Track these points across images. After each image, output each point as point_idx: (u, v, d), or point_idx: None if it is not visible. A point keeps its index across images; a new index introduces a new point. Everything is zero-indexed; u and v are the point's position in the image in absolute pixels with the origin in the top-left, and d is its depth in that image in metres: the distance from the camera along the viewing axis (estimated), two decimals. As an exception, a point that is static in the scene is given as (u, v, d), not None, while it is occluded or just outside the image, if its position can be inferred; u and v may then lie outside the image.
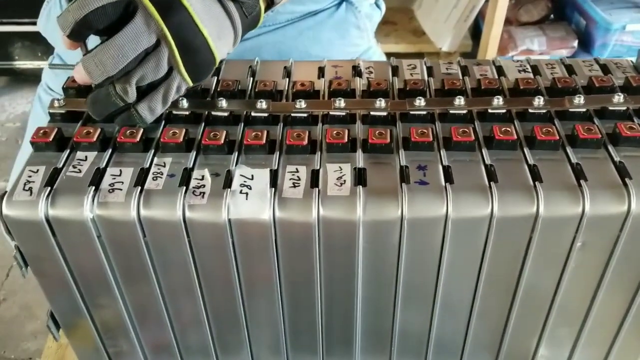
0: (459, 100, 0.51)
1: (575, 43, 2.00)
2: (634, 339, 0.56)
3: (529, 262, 0.48)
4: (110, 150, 0.49)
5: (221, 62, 0.58)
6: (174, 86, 0.48)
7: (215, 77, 0.57)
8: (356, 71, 0.58)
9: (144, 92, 0.48)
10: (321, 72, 0.58)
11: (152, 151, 0.49)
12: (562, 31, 2.03)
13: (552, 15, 2.11)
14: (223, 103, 0.52)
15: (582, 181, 0.45)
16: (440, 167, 0.47)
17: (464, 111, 0.51)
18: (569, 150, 0.48)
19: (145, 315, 0.53)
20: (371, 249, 0.47)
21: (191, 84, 0.48)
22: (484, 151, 0.48)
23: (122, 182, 0.46)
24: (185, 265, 0.48)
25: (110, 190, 0.45)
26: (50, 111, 0.52)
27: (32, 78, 2.11)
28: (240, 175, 0.47)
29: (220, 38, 0.48)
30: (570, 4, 2.08)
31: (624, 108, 0.51)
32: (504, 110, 0.51)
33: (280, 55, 0.73)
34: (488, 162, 0.47)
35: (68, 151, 0.49)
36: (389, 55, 0.75)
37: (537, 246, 0.46)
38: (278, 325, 0.54)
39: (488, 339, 0.56)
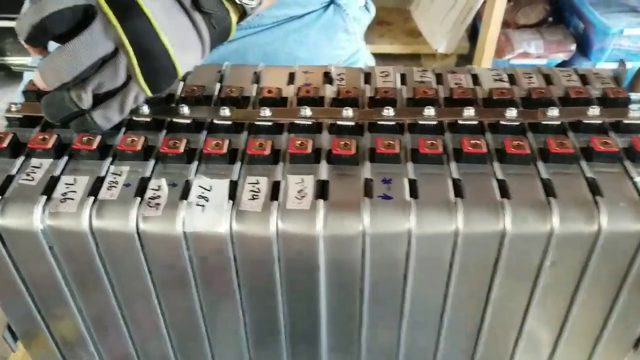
0: (429, 111, 0.50)
1: (573, 47, 1.97)
2: (609, 356, 0.54)
3: (498, 279, 0.46)
4: (66, 158, 0.47)
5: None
6: (131, 95, 0.46)
7: (182, 82, 0.56)
8: (327, 78, 0.57)
9: (101, 99, 0.46)
10: (291, 78, 0.57)
11: (110, 159, 0.47)
12: (560, 35, 2.01)
13: (550, 19, 2.08)
14: (185, 109, 0.50)
15: (551, 198, 0.43)
16: (406, 181, 0.45)
17: (434, 122, 0.50)
18: (540, 164, 0.46)
19: (103, 327, 0.52)
20: (333, 264, 0.45)
21: (150, 94, 0.47)
22: (452, 165, 0.46)
23: (75, 192, 0.44)
24: (141, 277, 0.46)
25: (62, 200, 0.44)
26: (7, 115, 0.51)
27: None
28: (199, 186, 0.45)
29: (184, 48, 0.47)
30: (568, 7, 2.06)
31: (599, 121, 0.49)
32: (475, 122, 0.49)
33: (266, 58, 0.72)
34: (455, 176, 0.45)
35: (23, 158, 0.47)
36: (383, 56, 0.73)
37: (505, 264, 0.45)
38: (241, 339, 0.52)
39: (459, 355, 0.54)
